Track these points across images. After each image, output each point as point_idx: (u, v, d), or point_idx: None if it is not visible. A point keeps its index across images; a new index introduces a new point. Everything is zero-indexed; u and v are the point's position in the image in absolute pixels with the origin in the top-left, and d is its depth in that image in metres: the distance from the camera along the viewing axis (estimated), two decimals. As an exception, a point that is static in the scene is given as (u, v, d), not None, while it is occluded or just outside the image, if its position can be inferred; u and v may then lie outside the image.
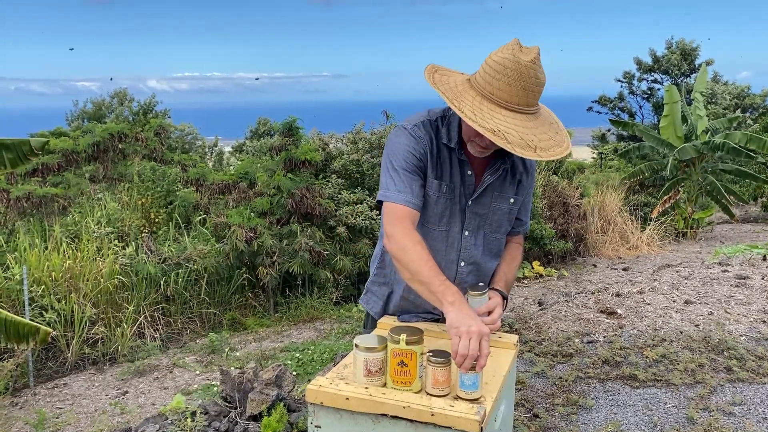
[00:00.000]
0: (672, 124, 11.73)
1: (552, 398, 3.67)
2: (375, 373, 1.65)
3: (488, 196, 2.03)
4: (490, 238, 2.09)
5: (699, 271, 6.28)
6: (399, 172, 1.93)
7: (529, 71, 1.74)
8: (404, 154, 1.94)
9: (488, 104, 1.77)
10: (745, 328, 4.48)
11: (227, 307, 7.38)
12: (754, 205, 15.15)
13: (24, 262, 6.08)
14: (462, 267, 2.07)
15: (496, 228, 2.08)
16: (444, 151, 1.97)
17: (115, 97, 24.69)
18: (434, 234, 2.03)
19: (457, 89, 1.82)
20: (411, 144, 1.94)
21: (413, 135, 1.95)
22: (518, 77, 1.74)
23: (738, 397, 3.53)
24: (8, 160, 4.04)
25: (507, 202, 2.06)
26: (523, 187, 2.09)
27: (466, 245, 2.05)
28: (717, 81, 24.76)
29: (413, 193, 1.92)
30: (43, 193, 7.94)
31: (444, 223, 2.02)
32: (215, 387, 4.79)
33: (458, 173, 1.98)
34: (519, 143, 1.72)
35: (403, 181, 1.92)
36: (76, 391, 5.35)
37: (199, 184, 8.53)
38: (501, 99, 1.76)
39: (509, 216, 2.10)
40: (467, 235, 2.05)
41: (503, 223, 2.09)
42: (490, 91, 1.77)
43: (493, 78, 1.76)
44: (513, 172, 2.05)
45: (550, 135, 1.80)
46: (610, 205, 10.36)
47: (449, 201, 2.00)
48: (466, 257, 2.06)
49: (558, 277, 7.90)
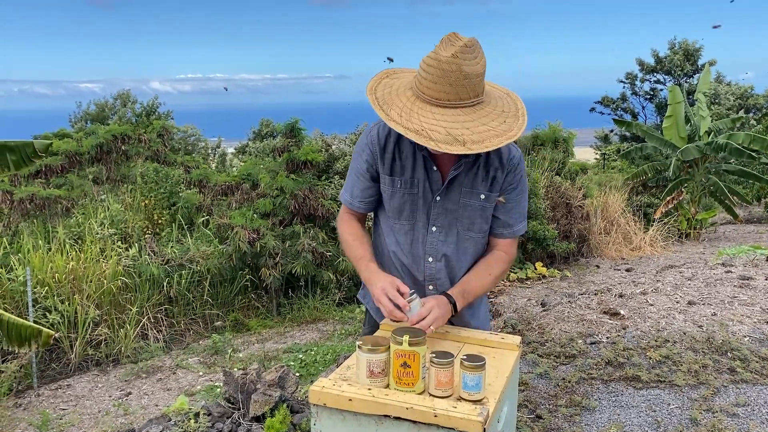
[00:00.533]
0: (675, 124, 11.71)
1: (555, 399, 3.66)
2: (378, 375, 1.65)
3: (456, 192, 2.01)
4: (464, 236, 2.05)
5: (702, 272, 6.27)
6: (349, 173, 2.14)
7: (451, 66, 1.74)
8: (355, 157, 2.11)
9: (420, 103, 1.80)
10: (749, 328, 4.47)
11: (230, 309, 7.39)
12: (757, 205, 15.12)
13: (27, 264, 6.09)
14: (430, 262, 2.06)
15: (469, 225, 2.04)
16: (407, 147, 2.01)
17: (118, 99, 24.75)
18: (397, 228, 2.07)
19: (397, 92, 1.87)
20: (361, 147, 2.07)
21: (368, 136, 2.05)
22: (441, 74, 1.75)
23: (742, 398, 3.52)
24: (12, 162, 4.06)
25: (477, 198, 2.01)
26: (497, 183, 2.02)
27: (433, 241, 2.05)
28: (720, 81, 24.71)
29: (352, 193, 2.12)
30: (46, 195, 7.96)
31: (405, 218, 2.05)
32: (218, 388, 4.79)
33: (422, 168, 2.01)
34: (444, 139, 1.72)
35: (349, 182, 2.14)
36: (79, 393, 5.36)
37: (202, 186, 8.55)
38: (431, 97, 1.78)
39: (482, 213, 2.04)
40: (435, 231, 2.04)
41: (476, 220, 2.04)
42: (422, 90, 1.80)
43: (423, 77, 1.79)
44: (487, 167, 2.01)
45: (491, 126, 1.78)
46: (613, 206, 10.34)
47: (408, 196, 2.02)
48: (433, 253, 2.05)
49: (561, 278, 7.89)
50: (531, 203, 8.27)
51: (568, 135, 10.84)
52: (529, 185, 8.34)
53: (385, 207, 2.09)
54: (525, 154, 10.33)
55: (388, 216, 2.09)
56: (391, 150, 2.01)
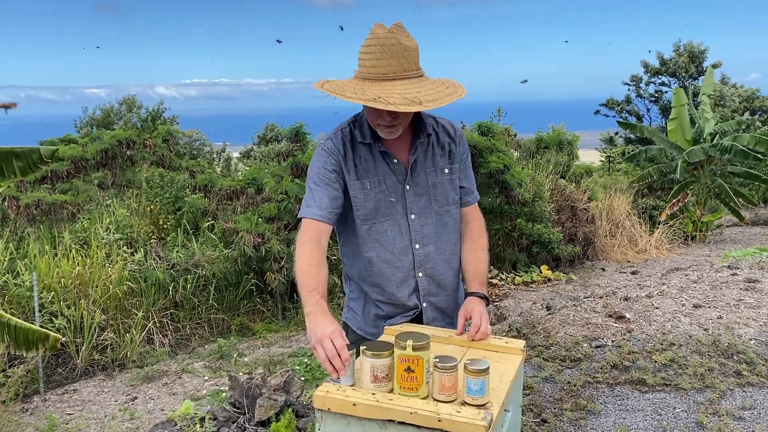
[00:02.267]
0: (680, 126, 11.68)
1: (560, 403, 3.66)
2: (382, 379, 1.66)
3: (422, 175, 2.12)
4: (442, 213, 2.15)
5: (708, 275, 6.25)
6: (312, 188, 2.08)
7: (390, 40, 1.89)
8: (317, 170, 2.09)
9: (369, 83, 1.91)
10: (755, 331, 4.46)
11: (235, 313, 7.40)
12: (763, 207, 15.05)
13: (34, 269, 6.12)
14: (418, 249, 2.12)
15: (444, 201, 2.15)
16: (363, 151, 2.09)
17: (124, 104, 24.84)
18: (378, 227, 2.11)
19: (343, 83, 1.98)
20: (323, 159, 2.09)
21: (325, 149, 2.10)
22: (382, 49, 1.89)
23: (748, 402, 3.51)
24: (18, 169, 4.07)
25: (443, 174, 2.15)
26: (455, 155, 2.17)
27: (415, 227, 2.12)
28: (725, 83, 24.64)
29: (320, 205, 2.04)
30: (52, 201, 7.99)
31: (383, 214, 2.10)
32: (224, 393, 4.80)
33: (384, 164, 2.10)
34: (402, 102, 1.82)
35: (313, 197, 2.06)
36: (85, 397, 5.37)
37: (207, 190, 8.56)
38: (378, 74, 1.90)
39: (451, 185, 2.17)
40: (414, 218, 2.12)
41: (449, 194, 2.16)
42: (367, 72, 1.92)
43: (365, 60, 1.93)
44: (440, 144, 2.15)
45: (439, 90, 1.92)
46: (619, 209, 10.32)
47: (381, 194, 2.09)
48: (419, 239, 2.12)
49: (566, 281, 7.87)
50: (536, 206, 8.26)
51: (573, 138, 10.83)
52: (534, 188, 8.34)
53: (359, 213, 2.10)
54: (529, 157, 10.33)
55: (364, 221, 2.10)
56: (351, 157, 2.09)
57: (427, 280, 2.14)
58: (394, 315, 2.18)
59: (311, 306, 1.84)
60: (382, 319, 2.19)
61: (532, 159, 10.21)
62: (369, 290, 2.18)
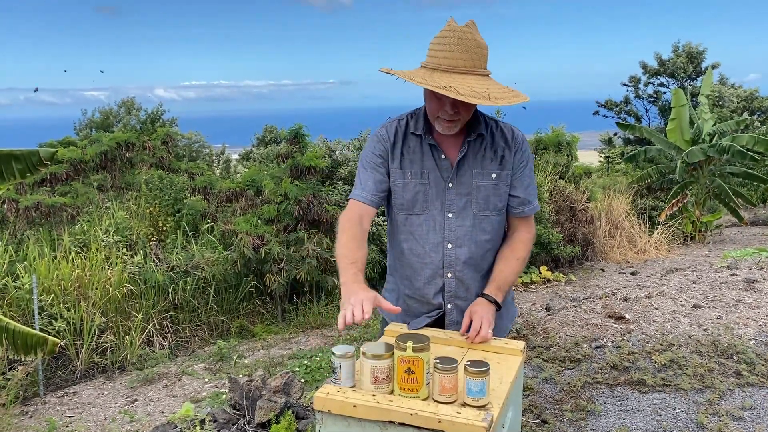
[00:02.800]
0: (679, 127, 11.69)
1: (560, 404, 3.66)
2: (382, 381, 1.66)
3: (467, 175, 2.09)
4: (481, 217, 2.10)
5: (707, 275, 6.25)
6: (360, 171, 2.14)
7: (466, 35, 1.92)
8: (366, 155, 2.14)
9: (439, 74, 1.91)
10: (755, 332, 4.46)
11: (235, 315, 7.40)
12: (762, 207, 15.07)
13: (33, 272, 6.12)
14: (449, 249, 2.10)
15: (484, 206, 2.10)
16: (413, 141, 2.11)
17: (123, 106, 24.82)
18: (413, 219, 2.11)
19: (411, 73, 1.99)
20: (373, 144, 2.14)
21: (377, 136, 2.14)
22: (458, 42, 1.91)
23: (748, 402, 3.51)
24: (18, 171, 4.08)
25: (489, 178, 2.10)
26: (507, 162, 2.11)
27: (450, 227, 2.10)
28: (724, 84, 24.65)
29: (365, 187, 2.10)
30: (51, 203, 7.99)
31: (420, 208, 2.10)
32: (224, 395, 4.80)
33: (431, 158, 2.09)
34: (471, 94, 1.83)
35: (360, 179, 2.13)
36: (85, 400, 5.37)
37: (207, 192, 8.57)
38: (449, 66, 1.91)
39: (496, 191, 2.10)
40: (451, 217, 2.09)
41: (491, 199, 2.10)
42: (438, 63, 1.93)
43: (437, 51, 1.94)
44: (494, 148, 2.11)
45: (505, 90, 1.94)
46: (618, 209, 10.33)
47: (421, 185, 2.08)
48: (452, 239, 2.10)
49: (566, 281, 7.88)
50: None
51: (571, 138, 10.84)
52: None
53: (397, 201, 2.12)
54: (528, 158, 10.32)
55: (400, 210, 2.12)
56: (400, 146, 2.11)
57: (455, 281, 2.11)
58: (419, 313, 2.16)
59: (348, 276, 1.88)
60: (408, 317, 2.18)
61: (532, 160, 10.20)
62: (400, 283, 2.20)
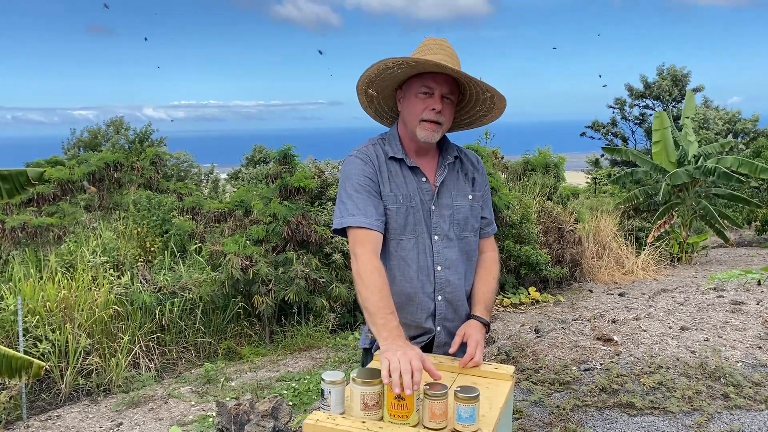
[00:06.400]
0: (664, 149, 11.83)
1: (550, 427, 3.65)
2: (372, 407, 1.65)
3: (448, 196, 2.13)
4: (461, 237, 2.15)
5: (694, 297, 6.29)
6: (352, 195, 2.02)
7: (443, 43, 2.06)
8: (357, 177, 2.04)
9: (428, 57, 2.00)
10: (741, 354, 4.48)
11: (223, 336, 7.33)
12: (748, 228, 15.22)
13: (18, 293, 6.05)
14: (439, 271, 2.11)
15: (464, 226, 2.15)
16: (393, 166, 2.11)
17: (111, 126, 24.77)
18: (404, 244, 2.09)
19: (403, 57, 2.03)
20: (359, 167, 2.06)
21: (361, 158, 2.08)
22: (438, 47, 2.04)
23: (736, 425, 3.52)
24: (5, 191, 4.05)
25: (466, 200, 2.16)
26: (478, 184, 2.21)
27: (438, 249, 2.11)
28: (708, 106, 25.01)
29: (366, 213, 1.99)
30: (38, 223, 7.93)
31: (410, 231, 2.09)
32: (211, 418, 4.74)
33: (413, 181, 2.10)
34: (464, 75, 1.96)
35: (356, 204, 2.00)
36: (69, 423, 5.29)
37: (195, 213, 8.54)
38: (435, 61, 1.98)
39: (473, 212, 2.17)
40: (437, 239, 2.11)
41: (469, 220, 2.16)
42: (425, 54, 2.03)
43: (422, 51, 2.05)
44: (465, 171, 2.20)
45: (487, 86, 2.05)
46: (605, 230, 10.40)
47: (410, 209, 2.08)
48: (441, 261, 2.11)
49: (554, 303, 7.89)
50: (524, 228, 8.31)
51: (558, 159, 10.92)
52: (522, 210, 8.40)
53: (390, 227, 2.08)
54: (516, 179, 10.41)
55: (393, 236, 2.09)
56: (385, 169, 2.09)
57: (445, 304, 2.11)
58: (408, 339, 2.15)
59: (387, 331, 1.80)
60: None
61: (519, 181, 10.28)
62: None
